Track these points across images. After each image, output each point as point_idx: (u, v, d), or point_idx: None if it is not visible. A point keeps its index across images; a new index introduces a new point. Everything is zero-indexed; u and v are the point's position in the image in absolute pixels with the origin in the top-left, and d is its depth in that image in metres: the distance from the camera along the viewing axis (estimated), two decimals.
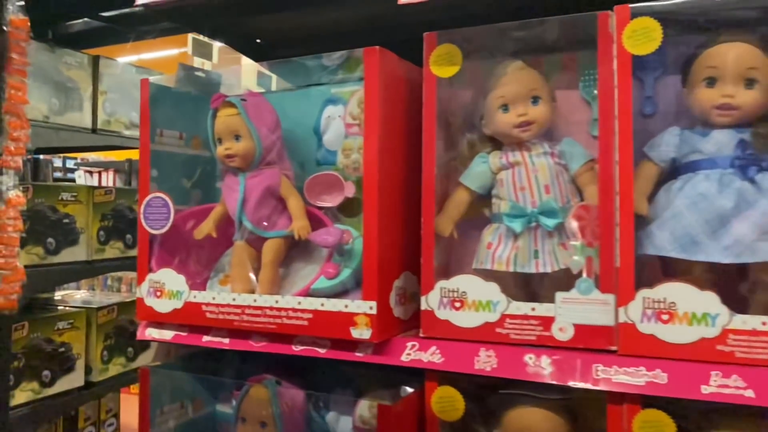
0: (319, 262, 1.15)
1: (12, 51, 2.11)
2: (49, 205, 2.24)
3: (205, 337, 1.12)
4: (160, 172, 1.21)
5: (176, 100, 1.25)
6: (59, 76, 2.30)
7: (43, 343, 2.20)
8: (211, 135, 1.15)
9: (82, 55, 2.37)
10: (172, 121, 1.24)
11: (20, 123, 2.12)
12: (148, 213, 1.16)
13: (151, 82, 1.20)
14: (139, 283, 1.18)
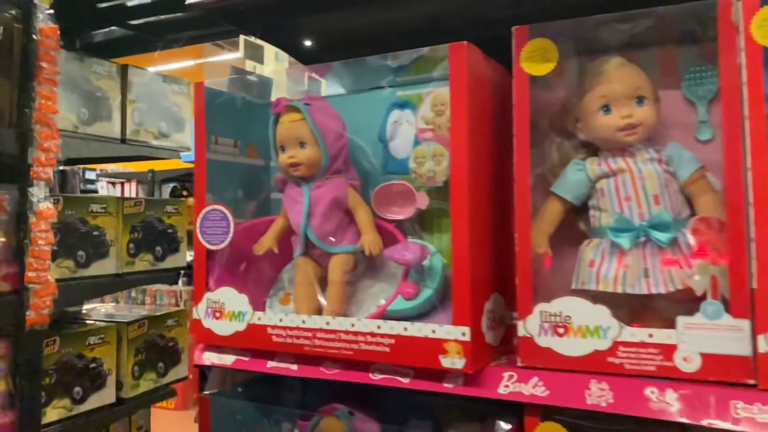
0: (389, 280, 1.02)
1: (42, 60, 1.98)
2: (79, 217, 2.11)
3: (270, 363, 0.98)
4: (213, 182, 1.08)
5: (228, 105, 1.11)
6: (88, 85, 2.17)
7: (75, 359, 2.07)
8: (273, 142, 1.02)
9: (111, 63, 2.25)
10: (224, 128, 1.11)
11: (51, 133, 1.99)
12: (206, 227, 1.03)
13: (206, 87, 1.07)
14: (195, 303, 1.05)
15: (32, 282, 1.91)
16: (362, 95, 1.10)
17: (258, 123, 1.12)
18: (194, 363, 1.08)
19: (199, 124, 1.04)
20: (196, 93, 1.06)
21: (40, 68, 1.95)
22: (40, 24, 1.97)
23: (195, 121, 1.04)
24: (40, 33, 1.97)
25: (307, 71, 1.13)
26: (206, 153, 1.04)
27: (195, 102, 1.05)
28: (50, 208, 1.94)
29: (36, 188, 1.94)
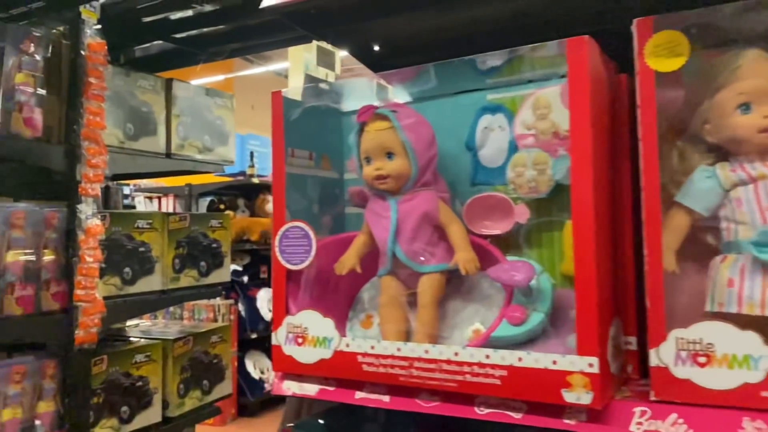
0: (483, 302, 0.90)
1: (90, 75, 1.91)
2: (125, 234, 2.02)
3: (358, 394, 0.86)
4: (289, 197, 0.97)
5: (304, 115, 1.01)
6: (134, 100, 2.09)
7: (122, 378, 1.97)
8: (357, 153, 0.91)
9: (156, 78, 2.17)
10: (299, 140, 1.00)
11: (98, 149, 1.91)
12: (285, 245, 0.92)
13: (284, 96, 0.96)
14: (274, 328, 0.93)
15: (81, 300, 1.82)
16: (445, 100, 0.98)
17: (331, 133, 1.02)
18: (273, 392, 0.97)
19: (277, 135, 0.94)
20: (274, 103, 0.95)
21: (88, 84, 1.87)
22: (87, 39, 1.89)
23: (273, 132, 0.93)
24: (88, 48, 1.89)
25: (376, 78, 1.03)
26: (285, 166, 0.93)
27: (273, 112, 0.94)
28: (98, 225, 1.86)
29: (84, 205, 1.86)
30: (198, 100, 2.31)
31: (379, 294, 0.91)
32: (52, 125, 1.81)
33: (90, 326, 1.83)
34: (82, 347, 1.81)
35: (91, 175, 1.87)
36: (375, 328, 0.92)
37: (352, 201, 0.98)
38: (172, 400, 2.12)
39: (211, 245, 2.31)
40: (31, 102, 1.74)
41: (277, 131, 0.94)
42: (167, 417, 2.10)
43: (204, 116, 2.32)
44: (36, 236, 1.73)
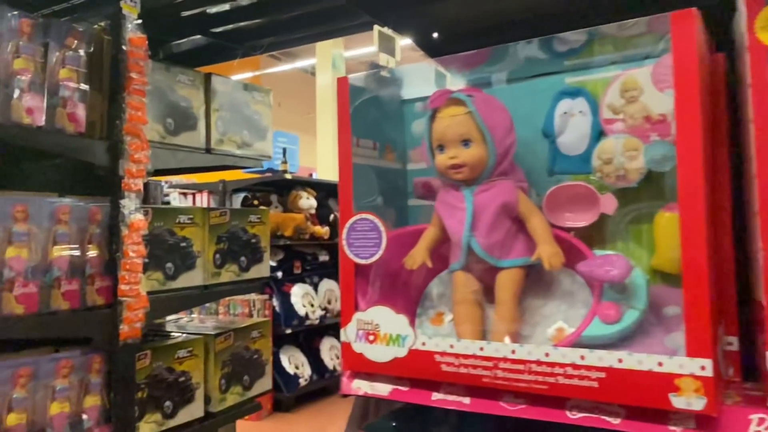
0: (564, 299, 0.83)
1: (131, 70, 1.87)
2: (167, 229, 1.98)
3: (435, 395, 0.80)
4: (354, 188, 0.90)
5: (368, 103, 0.94)
6: (173, 95, 2.05)
7: (165, 373, 1.94)
8: (428, 141, 0.85)
9: (195, 72, 2.13)
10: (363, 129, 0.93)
11: (140, 144, 1.87)
12: (353, 238, 0.85)
13: (351, 83, 0.89)
14: (343, 324, 0.87)
15: (125, 295, 1.78)
16: (518, 85, 0.91)
17: (393, 122, 0.95)
18: (342, 392, 0.91)
19: (343, 123, 0.87)
20: (340, 89, 0.88)
21: (129, 79, 1.83)
22: (128, 34, 1.85)
23: (339, 120, 0.87)
24: (129, 43, 1.85)
25: (440, 63, 0.96)
26: (351, 156, 0.87)
27: (339, 99, 0.88)
28: (142, 220, 1.82)
29: (127, 200, 1.82)
30: (236, 95, 2.26)
31: (452, 290, 0.85)
32: (95, 120, 1.78)
33: (134, 321, 1.80)
34: (127, 342, 1.77)
35: (134, 171, 1.83)
36: (447, 325, 0.86)
37: (417, 192, 0.91)
38: (214, 395, 2.08)
39: (251, 240, 2.27)
40: (74, 97, 1.70)
41: (344, 119, 0.87)
42: (209, 412, 2.06)
43: (242, 111, 2.28)
44: (81, 231, 1.70)
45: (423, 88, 0.87)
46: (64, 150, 1.69)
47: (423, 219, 0.88)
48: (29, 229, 1.57)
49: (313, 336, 4.35)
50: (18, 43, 1.58)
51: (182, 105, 2.05)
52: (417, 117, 0.86)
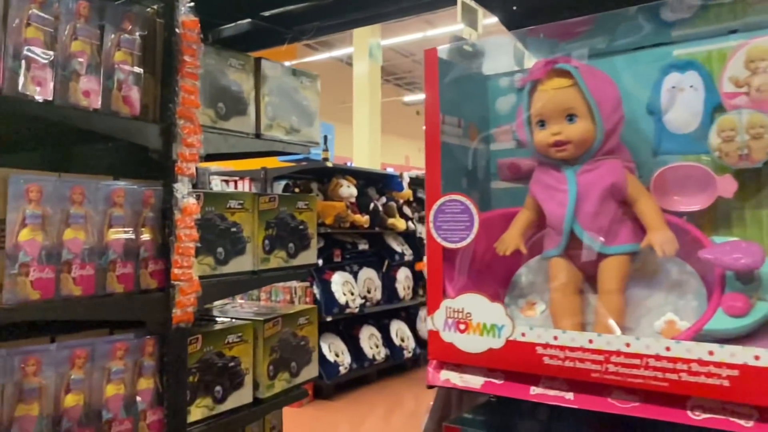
0: (673, 289, 0.75)
1: (184, 53, 1.84)
2: (218, 214, 1.96)
3: (534, 389, 0.73)
4: None
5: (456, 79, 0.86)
6: (225, 79, 2.02)
7: (215, 358, 1.92)
8: (527, 116, 0.77)
9: (246, 57, 2.09)
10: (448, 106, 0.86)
11: (193, 128, 1.84)
12: (441, 221, 0.79)
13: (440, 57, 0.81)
14: (430, 312, 0.81)
15: (178, 279, 1.76)
16: (620, 57, 0.82)
17: (476, 99, 0.88)
18: (428, 383, 0.85)
19: (431, 98, 0.80)
20: (429, 62, 0.81)
21: (182, 62, 1.80)
22: (181, 17, 1.82)
23: (427, 95, 0.80)
24: (183, 26, 1.82)
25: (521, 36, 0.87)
26: (440, 134, 0.80)
27: (427, 73, 0.81)
28: (194, 204, 1.79)
29: (180, 184, 1.80)
30: (285, 80, 2.22)
31: (546, 278, 0.77)
32: (148, 104, 1.75)
33: (187, 305, 1.78)
34: (179, 326, 1.76)
35: (186, 154, 1.80)
36: (540, 315, 0.79)
37: (502, 174, 0.84)
38: (262, 381, 2.06)
39: (299, 227, 2.23)
40: (129, 80, 1.68)
41: (432, 94, 0.80)
42: (258, 398, 2.04)
43: (291, 97, 2.23)
44: (135, 215, 1.68)
45: (509, 62, 0.79)
46: (118, 133, 1.67)
47: (507, 203, 0.81)
48: (86, 211, 1.55)
49: (353, 324, 4.32)
50: (75, 25, 1.56)
51: (233, 89, 2.02)
52: (502, 93, 0.78)
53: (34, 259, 1.44)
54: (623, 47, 0.82)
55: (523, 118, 0.78)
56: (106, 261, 1.59)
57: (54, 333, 1.59)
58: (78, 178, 1.55)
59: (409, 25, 11.00)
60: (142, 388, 1.68)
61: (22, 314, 1.43)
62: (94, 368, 1.57)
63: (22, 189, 1.43)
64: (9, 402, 1.42)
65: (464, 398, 0.95)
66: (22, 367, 1.44)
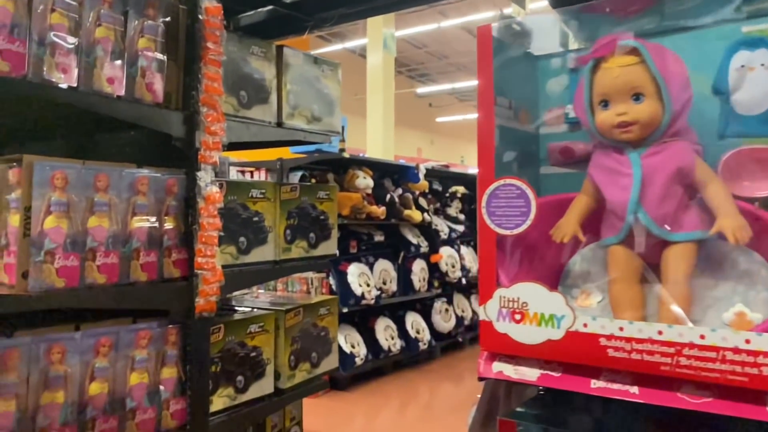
0: (741, 279, 0.71)
1: (207, 40, 1.82)
2: (240, 203, 1.94)
3: (594, 382, 0.70)
4: None
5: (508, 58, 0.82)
6: (247, 67, 1.99)
7: (237, 347, 1.91)
8: (588, 96, 0.73)
9: (269, 44, 2.06)
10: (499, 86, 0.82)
11: (216, 116, 1.82)
12: (494, 206, 0.75)
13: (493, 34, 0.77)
14: (482, 302, 0.78)
15: (201, 268, 1.74)
16: (683, 35, 0.77)
17: (525, 81, 0.84)
18: (480, 375, 0.82)
19: (485, 77, 0.76)
20: (482, 40, 0.76)
21: (205, 49, 1.77)
22: (205, 3, 1.80)
23: (480, 74, 0.76)
24: (206, 12, 1.79)
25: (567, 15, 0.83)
26: (494, 115, 0.76)
27: (480, 50, 0.77)
28: (218, 193, 1.77)
29: (203, 172, 1.78)
30: (307, 68, 2.18)
31: (606, 267, 0.73)
32: (170, 91, 1.73)
33: (209, 295, 1.76)
34: (202, 315, 1.74)
35: (210, 143, 1.78)
36: (597, 306, 0.75)
37: (553, 159, 0.80)
38: (283, 371, 2.04)
39: (320, 217, 2.20)
40: (152, 67, 1.66)
41: (485, 73, 0.76)
42: (279, 388, 2.03)
43: (313, 85, 2.20)
44: (158, 203, 1.67)
45: (557, 42, 0.75)
46: (142, 120, 1.65)
47: (557, 189, 0.77)
48: (110, 199, 1.54)
49: (369, 316, 4.31)
50: (99, 10, 1.54)
51: (255, 77, 1.99)
52: (553, 74, 0.74)
53: (59, 247, 1.42)
54: (687, 24, 0.77)
55: (584, 98, 0.73)
56: (129, 249, 1.57)
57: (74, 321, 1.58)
58: (102, 166, 1.53)
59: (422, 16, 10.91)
60: (165, 377, 1.67)
61: (47, 302, 1.42)
62: (118, 357, 1.56)
63: (47, 176, 1.42)
64: (34, 390, 1.41)
65: (513, 392, 0.92)
66: (48, 354, 1.43)
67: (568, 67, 0.75)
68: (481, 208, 0.77)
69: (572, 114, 0.75)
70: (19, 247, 1.39)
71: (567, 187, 0.77)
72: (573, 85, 0.75)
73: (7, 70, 1.36)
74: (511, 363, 0.76)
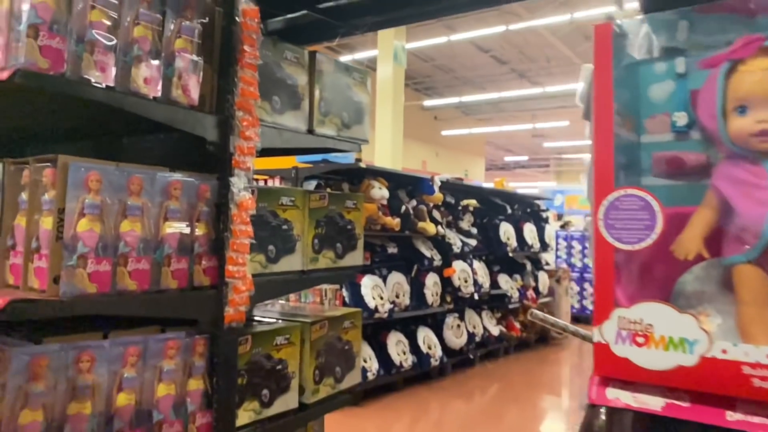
0: None
1: (244, 43, 1.79)
2: (270, 210, 1.90)
3: (731, 414, 0.64)
4: None
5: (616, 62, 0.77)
6: (280, 71, 1.96)
7: (264, 360, 1.85)
8: (721, 101, 0.69)
9: (302, 50, 2.03)
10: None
11: (252, 120, 1.78)
12: (613, 218, 0.70)
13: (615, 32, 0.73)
14: (597, 322, 0.73)
15: (232, 277, 1.69)
16: None
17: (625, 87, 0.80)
18: (591, 401, 0.77)
19: (603, 79, 0.71)
20: (600, 38, 0.72)
21: (242, 52, 1.74)
22: (242, 5, 1.77)
23: (597, 75, 0.72)
24: (243, 14, 1.77)
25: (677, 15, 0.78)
26: (612, 122, 0.71)
27: (598, 50, 0.72)
28: (251, 199, 1.73)
29: (237, 178, 1.74)
30: (338, 75, 2.16)
31: (730, 287, 0.69)
32: (205, 94, 1.70)
33: (239, 304, 1.72)
34: (231, 326, 1.69)
35: (244, 148, 1.74)
36: (717, 330, 0.70)
37: (658, 170, 0.75)
38: (307, 385, 1.99)
39: (347, 226, 2.16)
40: (188, 69, 1.63)
41: (604, 74, 0.71)
42: (303, 403, 1.97)
43: (344, 92, 2.17)
44: (190, 208, 1.63)
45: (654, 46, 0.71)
46: (176, 123, 1.61)
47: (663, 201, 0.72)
48: (143, 203, 1.50)
49: (380, 330, 4.25)
50: (138, 9, 1.51)
51: (288, 83, 1.96)
52: (657, 79, 0.70)
53: (91, 251, 1.38)
54: None
55: (715, 104, 0.69)
56: (161, 255, 1.53)
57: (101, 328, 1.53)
58: (136, 168, 1.49)
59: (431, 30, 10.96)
60: (191, 389, 1.62)
61: (78, 308, 1.37)
62: (146, 367, 1.51)
63: (82, 177, 1.38)
64: (62, 399, 1.36)
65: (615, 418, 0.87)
66: (76, 363, 1.38)
67: (676, 71, 0.72)
68: (598, 221, 0.72)
69: (680, 122, 0.71)
70: (51, 251, 1.35)
71: (674, 200, 0.72)
72: (680, 91, 0.72)
73: (46, 67, 1.33)
74: (628, 390, 0.70)
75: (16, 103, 1.59)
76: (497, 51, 13.08)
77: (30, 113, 1.71)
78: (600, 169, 0.70)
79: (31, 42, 1.31)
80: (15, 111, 1.69)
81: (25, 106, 1.62)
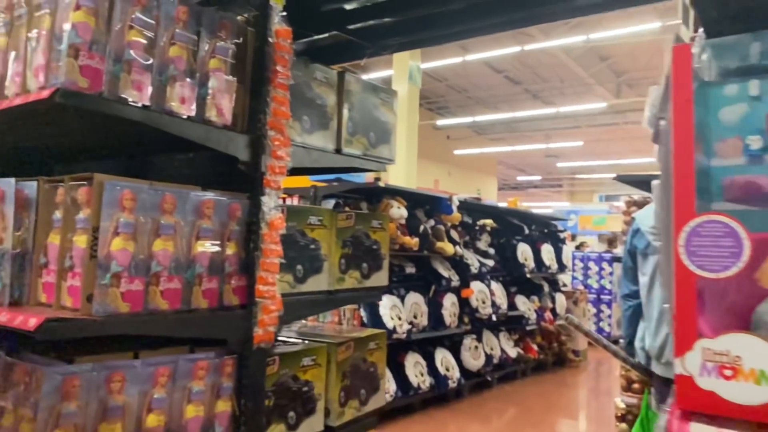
0: None
1: (277, 63, 1.80)
2: (299, 230, 1.89)
3: None
4: None
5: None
6: (310, 92, 1.97)
7: (290, 381, 1.83)
8: None
9: (331, 70, 2.04)
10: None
11: (283, 140, 1.78)
12: (695, 245, 0.68)
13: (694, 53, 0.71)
14: (679, 353, 0.70)
15: (263, 296, 1.68)
16: None
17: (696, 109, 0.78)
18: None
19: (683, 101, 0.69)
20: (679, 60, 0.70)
21: (274, 72, 1.75)
22: (275, 26, 1.79)
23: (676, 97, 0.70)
24: (276, 35, 1.78)
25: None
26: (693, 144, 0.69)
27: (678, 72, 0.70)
28: (281, 219, 1.72)
29: (267, 197, 1.73)
30: (366, 95, 2.16)
31: None
32: (237, 114, 1.70)
33: (268, 325, 1.70)
34: (260, 346, 1.67)
35: (275, 167, 1.74)
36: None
37: (731, 194, 0.73)
38: (333, 408, 1.96)
39: (372, 246, 2.15)
40: (222, 88, 1.63)
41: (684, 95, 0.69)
42: (328, 426, 1.94)
43: (371, 112, 2.17)
44: (221, 227, 1.62)
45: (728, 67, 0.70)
46: (209, 142, 1.61)
47: None
48: (176, 222, 1.49)
49: (398, 351, 4.20)
50: (174, 30, 1.52)
51: (318, 103, 1.96)
52: (729, 102, 0.69)
53: (125, 270, 1.38)
54: None
55: None
56: (192, 275, 1.52)
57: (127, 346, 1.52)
58: (169, 187, 1.49)
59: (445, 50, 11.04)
60: (219, 411, 1.59)
61: (111, 327, 1.36)
62: (175, 387, 1.49)
63: (117, 195, 1.38)
64: (93, 420, 1.34)
65: None
66: (107, 383, 1.37)
67: (749, 94, 0.70)
68: (678, 247, 0.70)
69: (754, 145, 0.70)
70: (84, 269, 1.35)
71: (750, 226, 0.70)
72: (754, 113, 0.70)
73: (85, 86, 1.34)
74: (713, 425, 0.68)
75: (52, 122, 1.60)
76: (511, 71, 13.12)
77: (63, 132, 1.73)
78: (680, 194, 0.68)
79: (71, 61, 1.32)
80: (49, 130, 1.71)
81: (60, 125, 1.64)
